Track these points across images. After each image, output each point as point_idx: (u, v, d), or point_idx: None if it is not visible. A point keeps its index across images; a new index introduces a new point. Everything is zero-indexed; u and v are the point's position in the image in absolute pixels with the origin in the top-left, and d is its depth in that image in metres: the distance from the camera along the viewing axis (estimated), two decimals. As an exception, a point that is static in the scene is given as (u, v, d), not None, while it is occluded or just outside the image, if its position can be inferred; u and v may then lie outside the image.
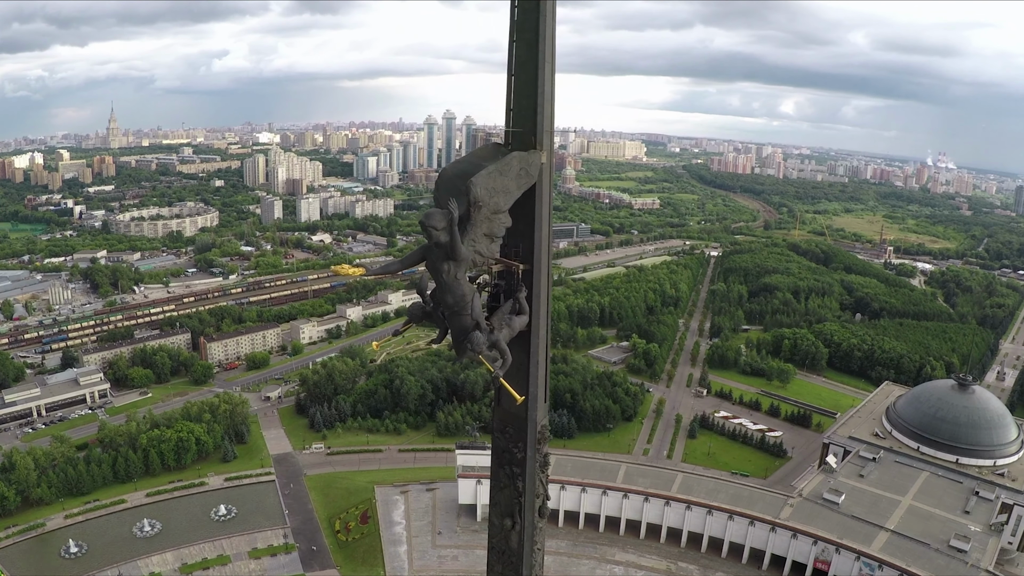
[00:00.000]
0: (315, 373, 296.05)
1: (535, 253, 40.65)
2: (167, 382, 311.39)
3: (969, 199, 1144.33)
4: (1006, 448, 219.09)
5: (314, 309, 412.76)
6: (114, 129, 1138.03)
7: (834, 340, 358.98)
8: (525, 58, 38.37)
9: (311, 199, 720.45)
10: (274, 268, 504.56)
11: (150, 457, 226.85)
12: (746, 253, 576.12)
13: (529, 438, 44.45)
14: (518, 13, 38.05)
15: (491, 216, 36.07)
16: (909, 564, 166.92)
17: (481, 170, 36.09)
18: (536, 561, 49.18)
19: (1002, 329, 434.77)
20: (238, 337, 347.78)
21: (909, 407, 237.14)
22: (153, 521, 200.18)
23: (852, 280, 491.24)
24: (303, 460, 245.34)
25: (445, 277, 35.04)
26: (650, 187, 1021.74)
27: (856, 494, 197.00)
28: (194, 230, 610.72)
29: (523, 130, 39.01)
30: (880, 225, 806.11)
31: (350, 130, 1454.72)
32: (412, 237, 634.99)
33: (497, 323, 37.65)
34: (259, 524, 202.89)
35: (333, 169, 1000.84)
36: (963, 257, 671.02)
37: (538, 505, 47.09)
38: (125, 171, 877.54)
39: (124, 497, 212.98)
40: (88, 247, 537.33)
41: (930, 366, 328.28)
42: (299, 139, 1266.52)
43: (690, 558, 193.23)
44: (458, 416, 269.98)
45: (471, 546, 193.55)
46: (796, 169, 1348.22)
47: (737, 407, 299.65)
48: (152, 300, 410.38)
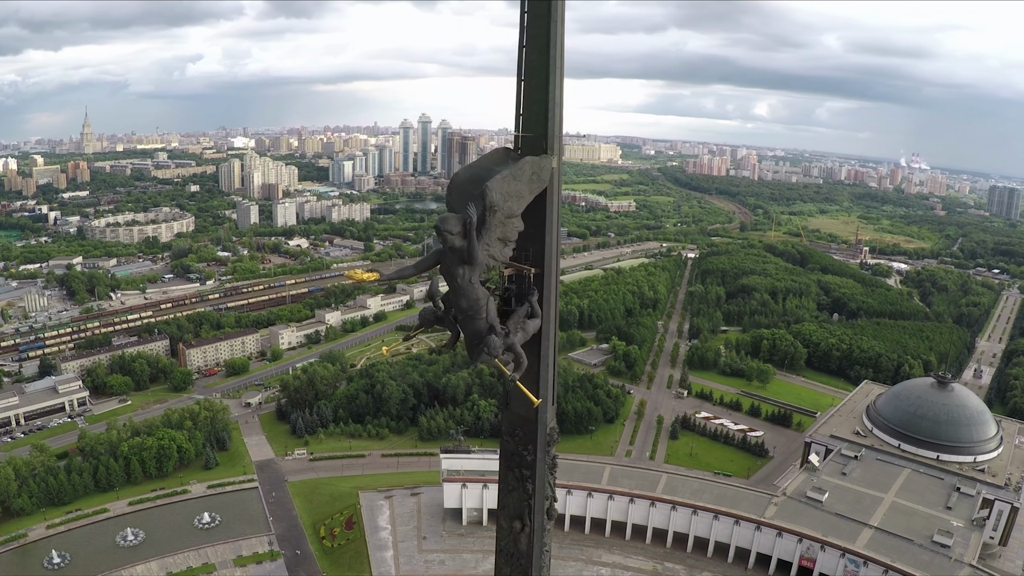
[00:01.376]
0: (296, 379, 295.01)
1: (545, 257, 40.86)
2: (146, 389, 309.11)
3: (943, 199, 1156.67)
4: (986, 444, 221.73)
5: (292, 314, 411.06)
6: (88, 134, 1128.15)
7: (812, 340, 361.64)
8: (536, 63, 38.54)
9: (287, 204, 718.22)
10: (251, 273, 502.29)
11: (131, 465, 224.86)
12: (723, 255, 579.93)
13: (539, 440, 44.72)
14: (528, 19, 38.25)
15: (505, 220, 36.25)
16: (894, 560, 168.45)
17: (493, 174, 36.28)
18: (544, 563, 49.57)
19: (978, 327, 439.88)
20: (217, 343, 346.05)
21: (889, 405, 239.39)
22: (136, 530, 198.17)
23: (829, 280, 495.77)
24: (285, 466, 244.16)
25: (460, 281, 35.14)
26: (626, 189, 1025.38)
27: (839, 492, 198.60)
28: (170, 236, 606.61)
29: (534, 135, 39.18)
30: (855, 226, 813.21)
31: (325, 134, 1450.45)
32: (389, 241, 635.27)
33: (513, 327, 37.78)
34: (243, 531, 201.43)
35: (309, 173, 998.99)
36: (938, 257, 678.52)
37: (546, 507, 47.44)
38: (100, 176, 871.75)
39: (106, 506, 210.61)
40: (63, 253, 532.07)
41: (908, 365, 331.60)
42: (274, 144, 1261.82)
43: (676, 558, 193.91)
44: (440, 420, 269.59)
45: (457, 550, 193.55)
46: (771, 171, 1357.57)
47: (718, 408, 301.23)
48: (129, 307, 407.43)
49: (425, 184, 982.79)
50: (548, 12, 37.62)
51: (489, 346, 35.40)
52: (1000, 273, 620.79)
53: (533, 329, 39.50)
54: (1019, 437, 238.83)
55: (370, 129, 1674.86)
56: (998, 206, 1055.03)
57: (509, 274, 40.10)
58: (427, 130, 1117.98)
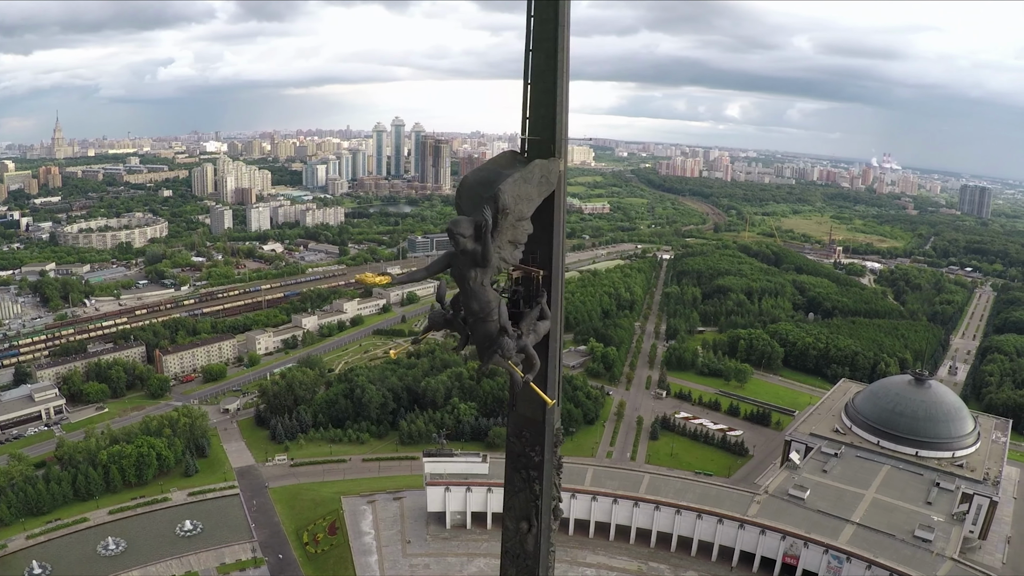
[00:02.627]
0: (275, 384, 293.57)
1: (553, 259, 41.14)
2: (123, 396, 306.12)
3: (915, 199, 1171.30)
4: (963, 440, 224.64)
5: (269, 319, 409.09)
6: (59, 139, 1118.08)
7: (789, 339, 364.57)
8: (543, 67, 38.90)
9: (261, 208, 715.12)
10: (226, 279, 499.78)
11: (111, 473, 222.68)
12: (698, 256, 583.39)
13: (547, 441, 44.98)
14: (535, 23, 38.61)
15: (515, 223, 36.41)
16: (877, 555, 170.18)
17: (502, 178, 36.47)
18: (551, 563, 49.86)
19: (952, 325, 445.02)
20: (193, 349, 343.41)
21: (867, 403, 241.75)
22: (117, 539, 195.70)
23: (804, 280, 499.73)
24: (266, 472, 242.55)
25: (472, 284, 35.24)
26: (599, 192, 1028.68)
27: (821, 489, 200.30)
28: (143, 241, 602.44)
29: (541, 138, 39.48)
30: (828, 226, 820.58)
31: (298, 138, 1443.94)
32: (364, 245, 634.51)
33: (526, 329, 38.00)
34: (226, 539, 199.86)
35: (282, 178, 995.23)
36: (911, 256, 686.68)
37: (552, 507, 47.74)
38: (71, 182, 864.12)
39: (86, 515, 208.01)
40: (36, 260, 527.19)
41: (884, 363, 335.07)
42: (247, 148, 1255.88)
43: (660, 558, 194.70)
44: (421, 424, 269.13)
45: (442, 554, 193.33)
46: (744, 172, 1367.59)
47: (697, 408, 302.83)
48: (104, 313, 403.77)
49: (399, 188, 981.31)
50: (555, 16, 38.02)
51: (503, 348, 35.56)
52: (973, 271, 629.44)
53: (544, 331, 39.74)
54: (996, 432, 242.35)
55: (343, 133, 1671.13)
56: (969, 205, 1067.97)
57: (517, 276, 40.29)
58: (400, 133, 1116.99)
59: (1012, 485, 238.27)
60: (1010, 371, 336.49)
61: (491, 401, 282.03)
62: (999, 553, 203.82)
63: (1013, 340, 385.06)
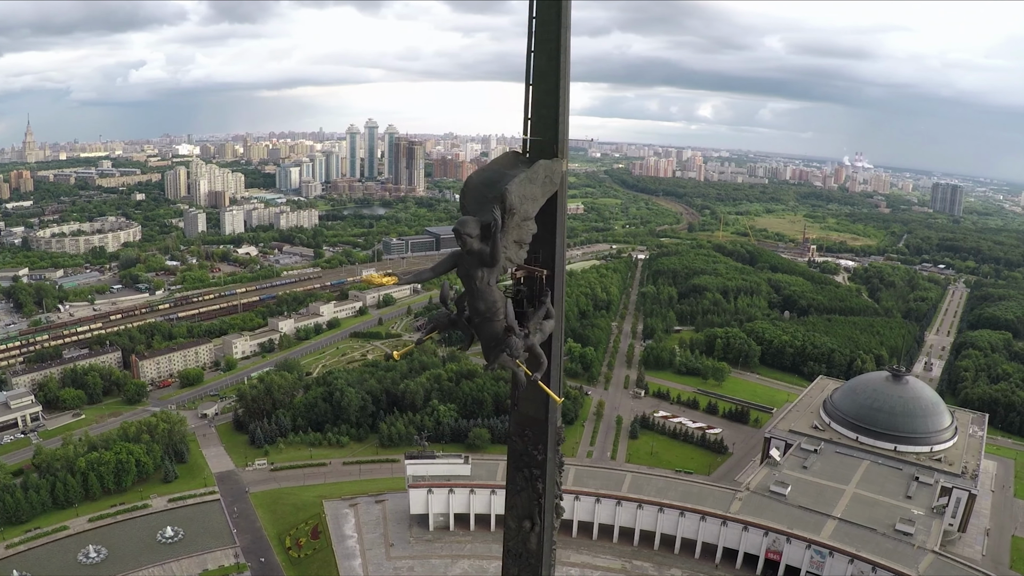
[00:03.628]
0: (253, 388, 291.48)
1: (556, 259, 41.39)
2: (100, 403, 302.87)
3: (887, 197, 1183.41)
4: (941, 435, 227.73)
5: (245, 323, 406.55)
6: (30, 143, 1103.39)
7: (765, 337, 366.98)
8: (545, 69, 39.04)
9: (235, 211, 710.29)
10: (201, 283, 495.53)
11: (89, 481, 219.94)
12: (673, 255, 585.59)
13: (550, 440, 45.29)
14: (536, 25, 38.70)
15: (520, 223, 36.58)
16: (859, 549, 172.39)
17: (506, 178, 36.62)
18: (552, 561, 50.16)
19: (926, 321, 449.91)
20: (170, 354, 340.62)
21: (846, 399, 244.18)
22: (98, 547, 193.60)
23: (779, 279, 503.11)
24: (247, 477, 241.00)
25: (478, 284, 35.28)
26: (573, 192, 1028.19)
27: (801, 485, 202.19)
28: (117, 245, 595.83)
29: (543, 139, 39.64)
30: (802, 224, 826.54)
31: (271, 141, 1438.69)
32: (339, 248, 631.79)
33: (532, 328, 38.19)
34: (208, 545, 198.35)
35: (255, 180, 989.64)
36: (884, 253, 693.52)
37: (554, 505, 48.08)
38: (43, 186, 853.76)
39: (66, 523, 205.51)
40: (9, 265, 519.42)
41: (860, 360, 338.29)
42: (219, 150, 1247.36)
43: (644, 556, 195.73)
44: (400, 427, 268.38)
45: (426, 556, 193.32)
46: (717, 172, 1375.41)
47: (675, 406, 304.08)
48: (78, 318, 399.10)
49: (373, 190, 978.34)
50: (557, 18, 38.15)
51: (510, 347, 35.61)
52: (946, 268, 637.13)
53: (549, 330, 39.97)
54: (972, 427, 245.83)
55: (315, 135, 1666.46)
56: (941, 203, 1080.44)
57: (520, 276, 40.46)
58: (374, 135, 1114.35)
59: (989, 478, 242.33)
60: (985, 366, 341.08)
61: (470, 403, 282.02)
62: (978, 545, 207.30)
63: (987, 336, 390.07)
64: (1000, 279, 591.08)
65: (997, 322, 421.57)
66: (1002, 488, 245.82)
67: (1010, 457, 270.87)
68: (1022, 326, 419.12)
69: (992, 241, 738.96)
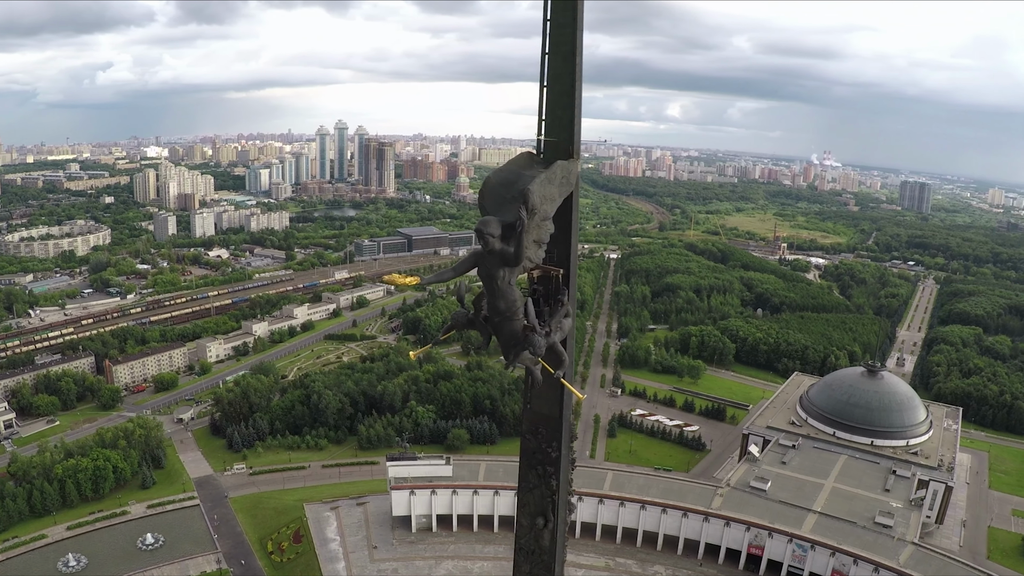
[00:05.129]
0: (229, 392, 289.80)
1: (570, 258, 41.85)
2: (74, 409, 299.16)
3: (856, 195, 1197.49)
4: (917, 428, 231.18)
5: (218, 326, 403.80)
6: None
7: (740, 335, 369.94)
8: (560, 70, 39.39)
9: (205, 214, 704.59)
10: (173, 286, 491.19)
11: (67, 488, 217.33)
12: (646, 255, 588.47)
13: (564, 436, 45.69)
14: (551, 27, 39.06)
15: (540, 223, 36.98)
16: (840, 542, 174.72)
17: (523, 178, 37.01)
18: (564, 557, 50.66)
19: (897, 318, 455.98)
20: (144, 358, 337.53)
21: (822, 395, 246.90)
22: (78, 555, 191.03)
23: (751, 277, 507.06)
24: (225, 482, 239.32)
25: (500, 283, 35.61)
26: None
27: (781, 480, 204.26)
28: (86, 249, 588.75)
29: (558, 140, 40.04)
30: (772, 223, 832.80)
31: (239, 142, 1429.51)
32: (310, 250, 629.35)
33: (554, 326, 38.60)
34: (189, 551, 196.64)
35: (225, 183, 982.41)
36: (854, 251, 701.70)
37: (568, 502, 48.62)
38: (11, 189, 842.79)
39: (44, 532, 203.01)
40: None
41: (834, 356, 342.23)
42: (188, 152, 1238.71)
43: (627, 553, 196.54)
44: (379, 429, 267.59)
45: (410, 558, 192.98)
46: (686, 171, 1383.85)
47: (652, 405, 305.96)
48: (50, 324, 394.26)
49: (343, 191, 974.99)
50: (573, 21, 38.51)
51: (534, 345, 35.98)
52: (915, 265, 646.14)
53: (568, 328, 40.33)
54: (947, 420, 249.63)
55: (284, 136, 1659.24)
56: (910, 200, 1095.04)
57: (537, 276, 40.88)
58: (343, 136, 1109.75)
59: (964, 471, 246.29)
60: (957, 361, 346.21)
61: (448, 404, 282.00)
62: (956, 536, 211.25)
63: (958, 331, 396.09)
64: (969, 275, 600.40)
65: (967, 317, 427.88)
66: (977, 480, 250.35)
67: (984, 450, 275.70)
68: (992, 321, 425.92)
69: (960, 238, 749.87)
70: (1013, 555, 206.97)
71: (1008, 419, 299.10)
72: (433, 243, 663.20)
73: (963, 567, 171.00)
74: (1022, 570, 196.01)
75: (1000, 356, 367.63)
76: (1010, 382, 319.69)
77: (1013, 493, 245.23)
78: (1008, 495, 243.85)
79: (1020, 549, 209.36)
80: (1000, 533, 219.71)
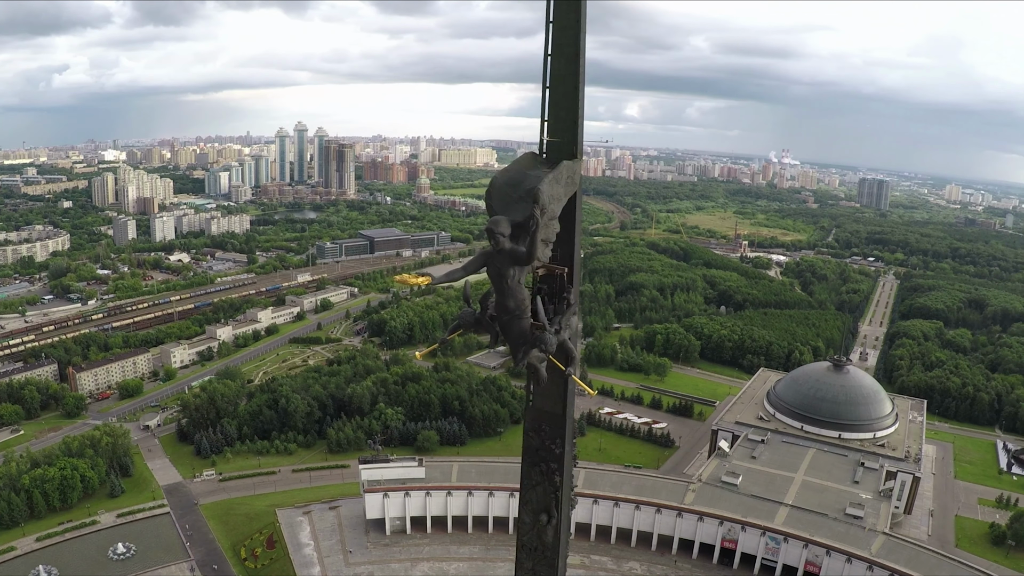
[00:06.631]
0: (196, 397, 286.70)
1: (574, 257, 42.37)
2: (38, 417, 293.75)
3: (814, 193, 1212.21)
4: (883, 421, 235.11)
5: (182, 331, 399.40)
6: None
7: (704, 332, 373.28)
8: (564, 72, 39.91)
9: (165, 218, 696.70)
10: (134, 291, 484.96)
11: (34, 498, 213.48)
12: (608, 254, 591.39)
13: (568, 433, 46.22)
14: (555, 29, 39.55)
15: (547, 222, 37.49)
16: (812, 534, 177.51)
17: (529, 178, 37.56)
18: (567, 553, 51.22)
19: (859, 313, 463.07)
20: (108, 365, 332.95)
21: (789, 390, 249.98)
22: (49, 567, 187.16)
23: (713, 275, 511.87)
24: (195, 489, 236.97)
25: (510, 282, 36.00)
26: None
27: (752, 475, 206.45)
28: (45, 255, 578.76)
29: (562, 140, 40.59)
30: (732, 221, 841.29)
31: (198, 145, 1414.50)
32: (272, 253, 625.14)
33: (563, 324, 39.10)
34: (162, 559, 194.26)
35: (184, 186, 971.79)
36: (814, 248, 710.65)
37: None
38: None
39: (13, 544, 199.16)
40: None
41: (798, 351, 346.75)
42: (146, 156, 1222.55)
43: (601, 550, 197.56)
44: (349, 432, 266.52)
45: (385, 560, 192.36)
46: (646, 170, 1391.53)
47: (620, 403, 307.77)
48: (10, 331, 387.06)
49: (303, 194, 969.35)
50: (576, 23, 39.06)
51: (544, 343, 36.49)
52: (875, 261, 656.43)
53: (576, 325, 41.00)
54: (912, 413, 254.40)
55: (243, 139, 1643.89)
56: (868, 197, 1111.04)
57: (541, 274, 41.34)
58: (303, 138, 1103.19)
59: (930, 462, 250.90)
60: (919, 354, 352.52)
61: (417, 405, 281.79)
62: (924, 526, 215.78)
63: (919, 325, 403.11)
64: (929, 270, 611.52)
65: (928, 312, 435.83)
66: (943, 470, 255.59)
67: (948, 441, 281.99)
68: (952, 315, 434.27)
69: (919, 234, 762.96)
70: (980, 542, 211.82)
71: (971, 411, 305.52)
72: (395, 244, 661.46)
73: (933, 555, 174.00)
74: (990, 557, 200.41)
75: (961, 349, 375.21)
76: (972, 374, 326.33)
77: (978, 482, 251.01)
78: (973, 484, 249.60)
79: (987, 537, 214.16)
80: (967, 522, 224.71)
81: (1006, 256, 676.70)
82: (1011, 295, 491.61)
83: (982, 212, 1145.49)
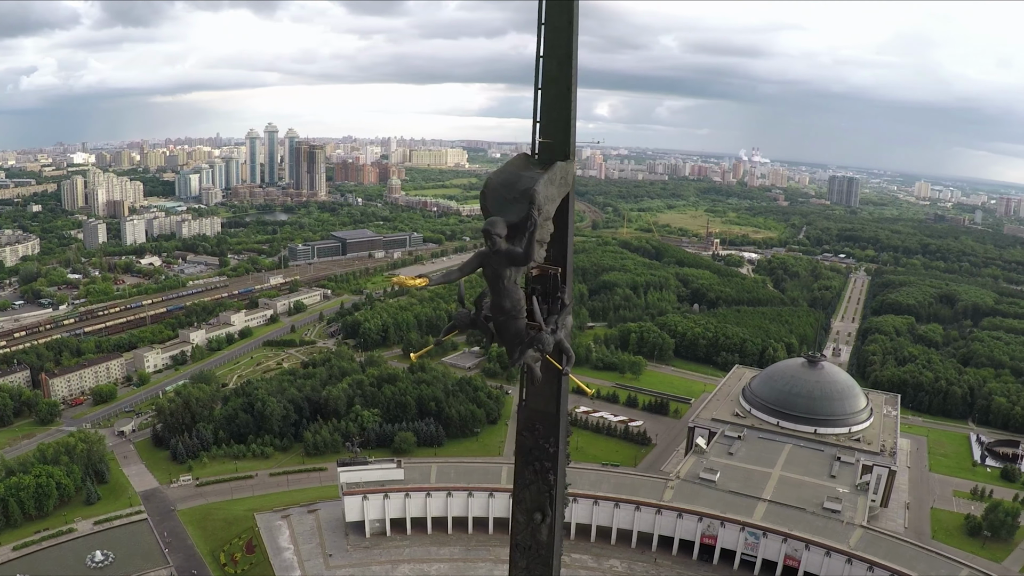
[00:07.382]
0: (171, 402, 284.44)
1: (567, 257, 42.68)
2: (11, 424, 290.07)
3: (785, 191, 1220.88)
4: (858, 416, 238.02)
5: (154, 335, 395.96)
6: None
7: (678, 330, 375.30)
8: (556, 74, 40.20)
9: (135, 221, 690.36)
10: (106, 295, 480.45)
11: (9, 507, 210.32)
12: (581, 253, 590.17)
13: (561, 432, 46.54)
14: (547, 31, 39.86)
15: (542, 223, 37.83)
16: (791, 528, 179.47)
17: (523, 179, 37.79)
18: (561, 551, 51.53)
19: (831, 309, 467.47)
20: (81, 370, 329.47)
21: (764, 386, 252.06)
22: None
23: (686, 273, 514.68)
24: (172, 494, 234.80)
25: (506, 283, 36.19)
26: (476, 193, 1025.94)
27: (729, 471, 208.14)
28: (15, 259, 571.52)
29: (554, 141, 40.87)
30: (704, 219, 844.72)
31: (168, 147, 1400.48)
32: (244, 255, 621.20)
33: (559, 324, 39.40)
34: (140, 567, 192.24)
35: (154, 188, 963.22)
36: (786, 245, 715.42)
37: (564, 496, 49.50)
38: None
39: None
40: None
41: (772, 348, 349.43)
42: (115, 158, 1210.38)
43: (582, 548, 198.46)
44: (325, 434, 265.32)
45: (365, 563, 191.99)
46: (617, 169, 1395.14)
47: (596, 401, 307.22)
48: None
49: (274, 195, 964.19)
50: (569, 24, 39.40)
51: (541, 343, 36.74)
52: (846, 257, 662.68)
53: (570, 325, 41.35)
54: (886, 407, 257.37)
55: (213, 140, 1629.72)
56: (838, 195, 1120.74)
57: (535, 274, 41.61)
58: (274, 140, 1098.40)
59: (905, 455, 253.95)
60: (891, 350, 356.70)
61: (393, 407, 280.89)
62: (900, 519, 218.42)
63: (891, 320, 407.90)
64: (899, 266, 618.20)
65: (899, 307, 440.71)
66: (918, 464, 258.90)
67: (922, 434, 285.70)
68: (924, 310, 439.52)
69: (889, 230, 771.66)
70: (956, 534, 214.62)
71: (944, 404, 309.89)
72: (367, 246, 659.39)
73: (910, 547, 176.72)
74: (965, 548, 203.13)
75: (933, 344, 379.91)
76: (944, 368, 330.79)
77: (952, 475, 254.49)
78: (948, 477, 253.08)
79: (962, 528, 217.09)
80: (942, 514, 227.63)
81: (976, 252, 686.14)
82: (981, 290, 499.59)
83: (951, 208, 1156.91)
